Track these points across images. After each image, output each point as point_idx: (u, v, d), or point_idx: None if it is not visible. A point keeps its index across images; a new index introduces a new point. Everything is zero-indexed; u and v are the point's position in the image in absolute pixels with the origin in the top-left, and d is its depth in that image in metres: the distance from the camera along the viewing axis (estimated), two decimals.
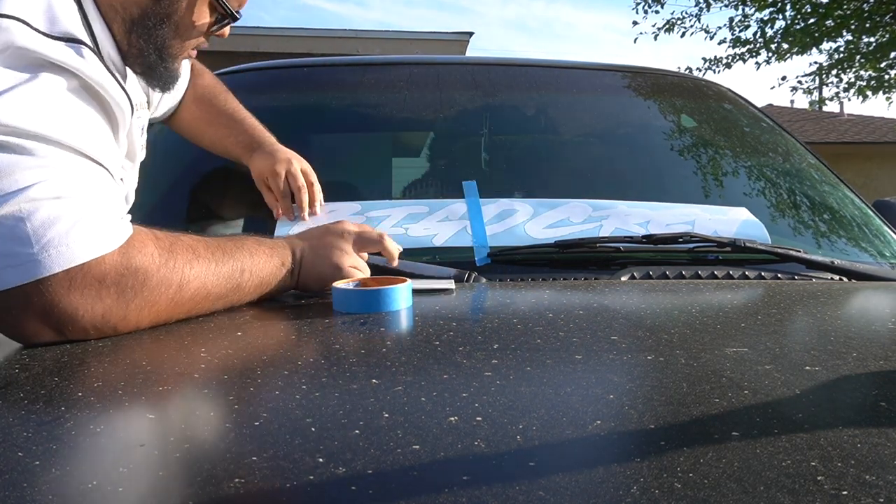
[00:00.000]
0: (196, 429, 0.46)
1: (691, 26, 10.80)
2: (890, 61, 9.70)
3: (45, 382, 0.57)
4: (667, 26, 10.87)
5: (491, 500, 0.35)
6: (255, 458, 0.42)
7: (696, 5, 10.58)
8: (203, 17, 0.92)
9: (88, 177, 0.74)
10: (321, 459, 0.41)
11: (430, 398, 0.50)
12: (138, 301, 0.72)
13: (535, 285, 0.93)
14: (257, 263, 0.83)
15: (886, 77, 9.97)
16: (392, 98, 1.53)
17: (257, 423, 0.47)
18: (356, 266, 0.91)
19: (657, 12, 11.18)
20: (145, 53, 0.89)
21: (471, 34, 11.08)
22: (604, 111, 1.64)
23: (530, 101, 1.61)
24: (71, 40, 0.78)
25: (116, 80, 0.84)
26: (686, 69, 10.50)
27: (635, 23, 11.15)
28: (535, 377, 0.56)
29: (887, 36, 9.24)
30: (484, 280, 0.96)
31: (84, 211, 0.70)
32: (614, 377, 0.56)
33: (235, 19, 0.95)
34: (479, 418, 0.46)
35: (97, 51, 0.83)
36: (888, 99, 10.21)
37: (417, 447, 0.42)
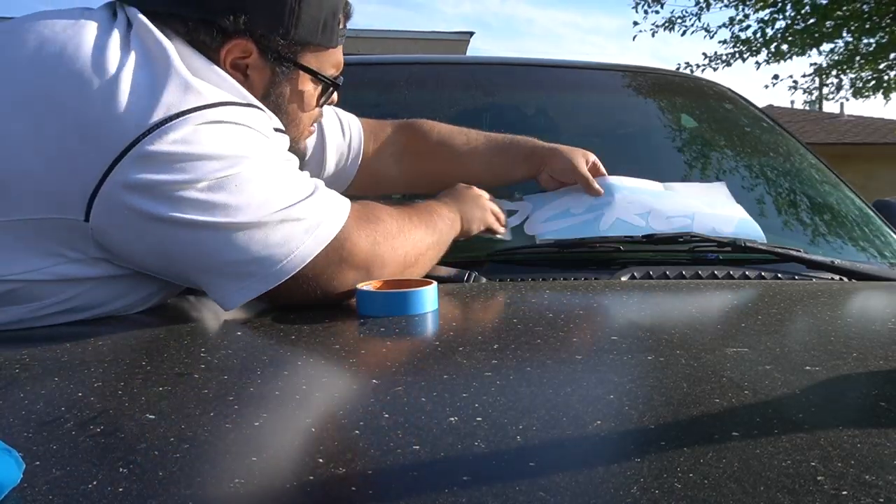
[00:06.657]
0: (196, 429, 0.46)
1: (691, 25, 10.80)
2: (889, 62, 9.71)
3: (45, 382, 0.57)
4: (667, 25, 10.86)
5: (491, 500, 0.35)
6: (255, 458, 0.42)
7: (696, 4, 10.57)
8: (309, 96, 0.92)
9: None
10: (321, 459, 0.41)
11: (430, 398, 0.50)
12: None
13: (535, 285, 0.93)
14: (444, 230, 0.94)
15: (885, 78, 9.98)
16: (392, 97, 1.53)
17: (257, 424, 0.47)
18: (497, 212, 1.07)
19: (657, 12, 11.17)
20: None
21: (471, 34, 11.09)
22: (604, 111, 1.64)
23: (530, 100, 1.61)
24: (282, 131, 0.86)
25: None
26: (686, 66, 10.49)
27: (636, 22, 11.14)
28: (535, 377, 0.56)
29: (886, 37, 9.25)
30: (484, 280, 0.96)
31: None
32: (614, 377, 0.56)
33: (338, 87, 0.95)
34: (479, 418, 0.46)
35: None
36: (886, 97, 10.22)
37: (417, 447, 0.42)
